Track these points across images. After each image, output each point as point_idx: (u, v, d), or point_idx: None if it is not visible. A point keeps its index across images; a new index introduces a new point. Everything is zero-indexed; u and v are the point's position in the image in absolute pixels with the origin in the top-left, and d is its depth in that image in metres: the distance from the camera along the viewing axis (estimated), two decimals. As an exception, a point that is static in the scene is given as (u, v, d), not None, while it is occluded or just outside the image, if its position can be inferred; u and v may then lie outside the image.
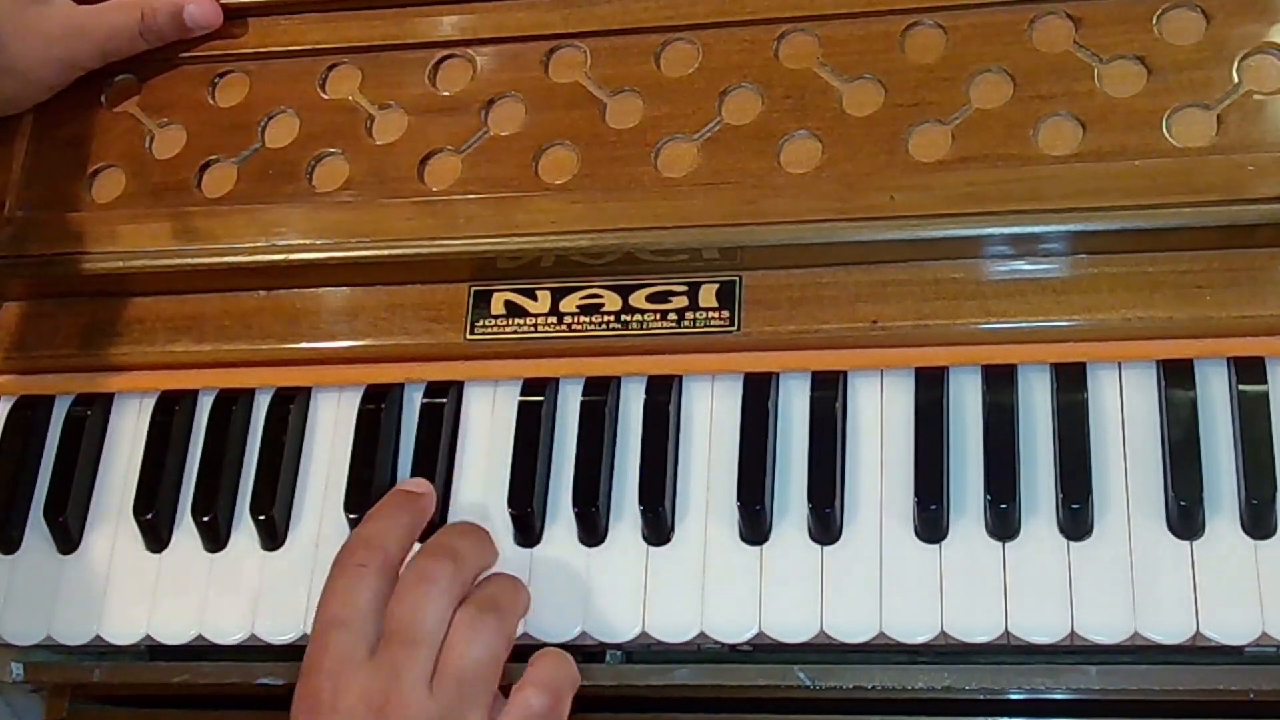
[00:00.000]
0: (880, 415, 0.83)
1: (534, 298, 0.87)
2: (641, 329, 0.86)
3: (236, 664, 0.89)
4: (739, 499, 0.81)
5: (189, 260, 0.90)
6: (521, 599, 0.79)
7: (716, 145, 0.86)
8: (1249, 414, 0.78)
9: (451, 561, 0.75)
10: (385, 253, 0.88)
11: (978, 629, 0.77)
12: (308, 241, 0.89)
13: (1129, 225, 0.79)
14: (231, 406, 0.90)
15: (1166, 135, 0.81)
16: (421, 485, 0.82)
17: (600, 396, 0.86)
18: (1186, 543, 0.77)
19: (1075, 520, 0.78)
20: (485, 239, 0.87)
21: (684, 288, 0.86)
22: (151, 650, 0.91)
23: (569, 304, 0.87)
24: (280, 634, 0.85)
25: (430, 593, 0.74)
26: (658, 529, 0.83)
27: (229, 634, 0.86)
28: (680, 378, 0.86)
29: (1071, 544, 0.78)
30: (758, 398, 0.84)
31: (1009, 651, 0.79)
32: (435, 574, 0.74)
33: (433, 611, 0.73)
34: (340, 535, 0.86)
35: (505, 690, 0.74)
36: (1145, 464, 0.79)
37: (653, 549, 0.83)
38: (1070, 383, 0.80)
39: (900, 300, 0.83)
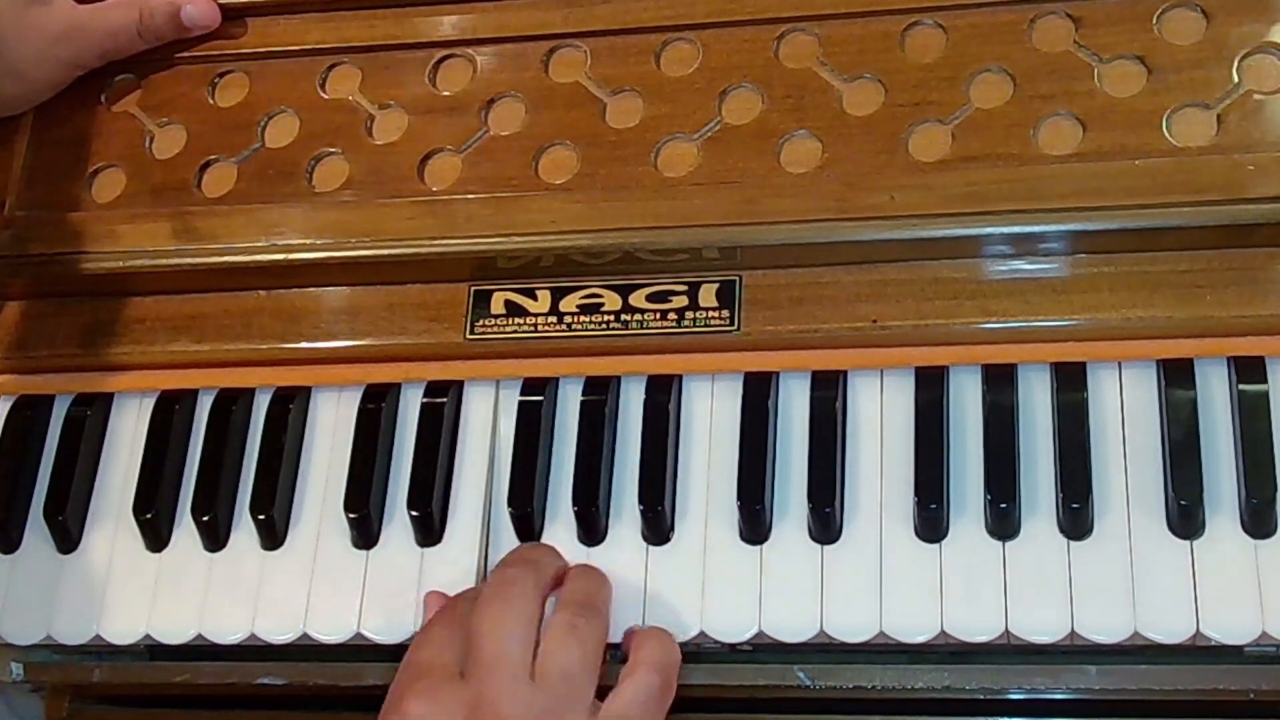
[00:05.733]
0: (880, 415, 0.83)
1: (534, 297, 0.87)
2: (641, 329, 0.86)
3: (236, 664, 0.89)
4: (739, 499, 0.81)
5: (189, 260, 0.90)
6: (609, 592, 0.80)
7: (716, 145, 0.86)
8: (1249, 414, 0.78)
9: (532, 568, 0.77)
10: (385, 253, 0.88)
11: (978, 629, 0.78)
12: (308, 241, 0.89)
13: (1129, 225, 0.79)
14: (231, 406, 0.90)
15: (1166, 135, 0.81)
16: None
17: (600, 396, 0.86)
18: (1186, 542, 0.77)
19: (1075, 520, 0.78)
20: (485, 239, 0.87)
21: (684, 287, 0.86)
22: (151, 650, 0.91)
23: (569, 304, 0.87)
24: (280, 634, 0.85)
25: (512, 598, 0.75)
26: (657, 529, 0.83)
27: (229, 634, 0.86)
28: (680, 377, 0.86)
29: (1071, 544, 0.78)
30: (758, 397, 0.84)
31: (1009, 651, 0.79)
32: (515, 578, 0.76)
33: (518, 617, 0.74)
34: (341, 535, 0.86)
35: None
36: (1145, 464, 0.79)
37: (652, 549, 0.83)
38: (1070, 382, 0.80)
39: (900, 300, 0.83)
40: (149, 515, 0.88)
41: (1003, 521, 0.79)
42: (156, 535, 0.89)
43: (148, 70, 0.97)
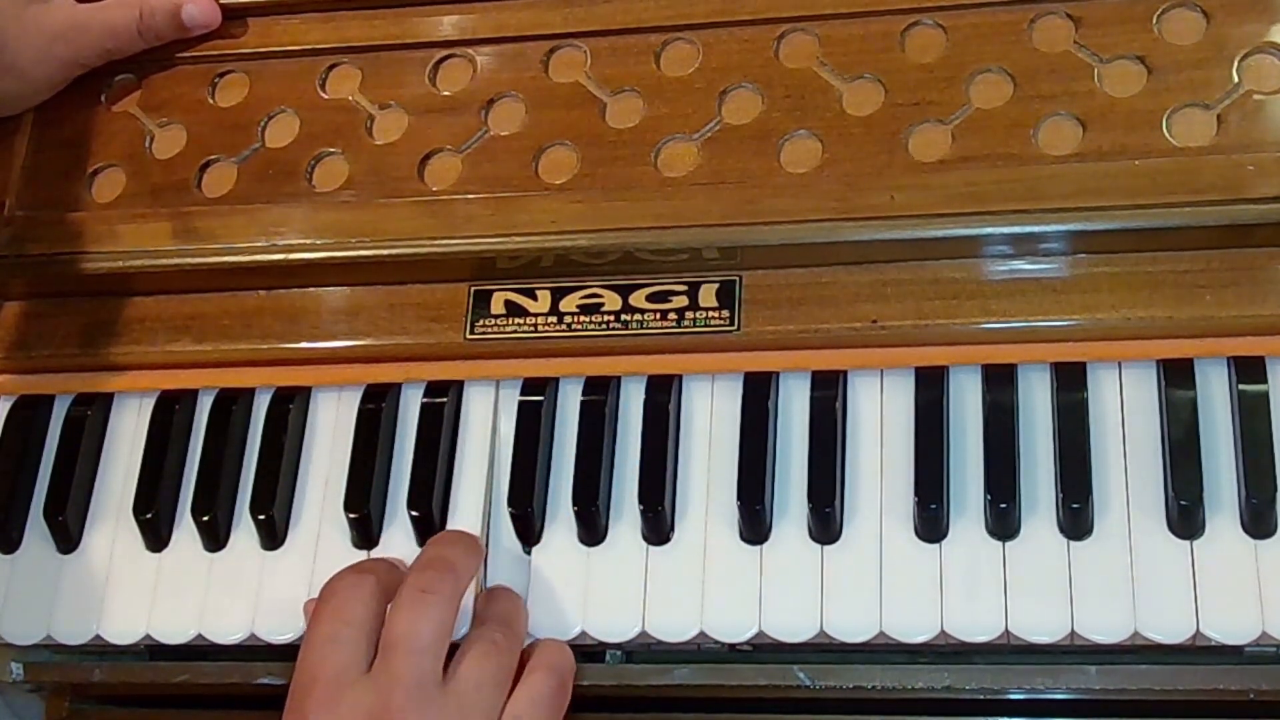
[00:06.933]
0: (880, 415, 0.83)
1: (534, 297, 0.87)
2: (641, 329, 0.86)
3: (236, 664, 0.89)
4: (739, 499, 0.81)
5: (189, 260, 0.90)
6: (524, 616, 0.81)
7: (716, 145, 0.86)
8: (1249, 414, 0.78)
9: (450, 573, 0.77)
10: (385, 253, 0.88)
11: (978, 629, 0.78)
12: (308, 241, 0.89)
13: (1129, 225, 0.79)
14: (231, 406, 0.90)
15: (1166, 135, 0.81)
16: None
17: (600, 396, 0.86)
18: (1186, 542, 0.77)
19: (1075, 520, 0.78)
20: (485, 239, 0.87)
21: (684, 287, 0.86)
22: (151, 650, 0.91)
23: (569, 304, 0.87)
24: (280, 634, 0.85)
25: (432, 603, 0.75)
26: (658, 529, 0.83)
27: (229, 634, 0.86)
28: (680, 377, 0.86)
29: (1071, 544, 0.78)
30: (758, 397, 0.84)
31: (1009, 651, 0.79)
32: (435, 586, 0.76)
33: (433, 622, 0.75)
34: (341, 535, 0.86)
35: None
36: (1145, 464, 0.79)
37: (653, 548, 0.83)
38: (1070, 382, 0.80)
39: (900, 300, 0.83)
40: (149, 515, 0.88)
41: (1003, 521, 0.79)
42: (156, 535, 0.89)
43: (148, 70, 0.97)
